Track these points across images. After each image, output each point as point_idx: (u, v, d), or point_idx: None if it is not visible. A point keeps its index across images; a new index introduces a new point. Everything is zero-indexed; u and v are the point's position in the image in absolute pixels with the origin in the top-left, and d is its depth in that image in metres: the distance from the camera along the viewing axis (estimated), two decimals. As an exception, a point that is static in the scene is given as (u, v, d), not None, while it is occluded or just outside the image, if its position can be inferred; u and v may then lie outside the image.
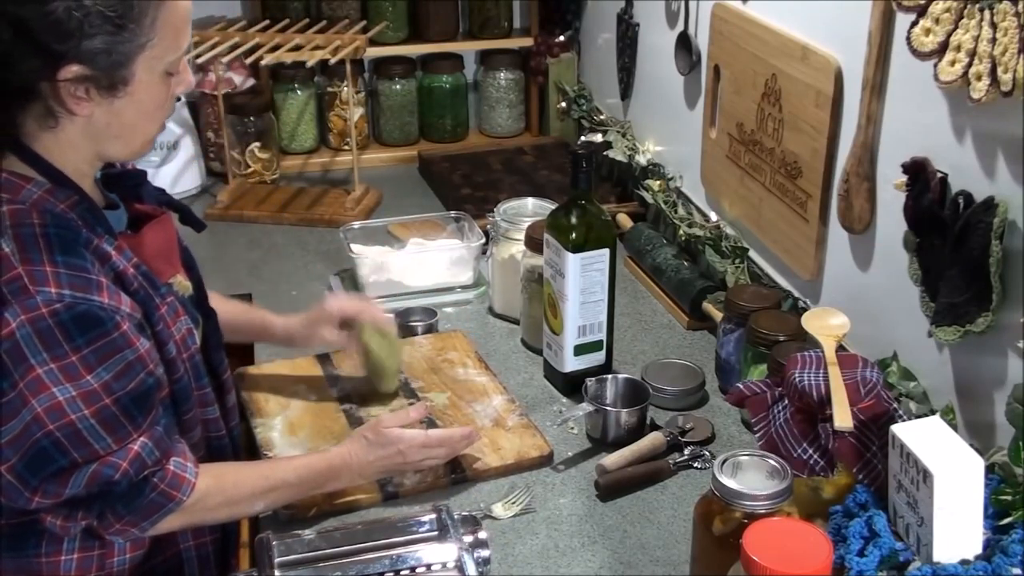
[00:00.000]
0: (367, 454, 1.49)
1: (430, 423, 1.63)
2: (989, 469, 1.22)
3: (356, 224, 2.21)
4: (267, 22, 2.51)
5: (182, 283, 1.43)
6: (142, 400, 1.27)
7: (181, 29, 1.28)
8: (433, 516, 1.31)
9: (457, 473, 1.56)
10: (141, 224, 1.39)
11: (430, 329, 1.94)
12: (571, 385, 1.76)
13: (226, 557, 1.52)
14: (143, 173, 1.46)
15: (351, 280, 2.11)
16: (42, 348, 1.20)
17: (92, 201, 1.30)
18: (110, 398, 1.23)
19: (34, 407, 1.20)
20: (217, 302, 1.58)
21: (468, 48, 2.87)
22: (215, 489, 1.35)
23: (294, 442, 1.63)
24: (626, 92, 2.49)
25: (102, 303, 1.23)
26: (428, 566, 1.25)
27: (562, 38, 2.80)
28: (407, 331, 1.93)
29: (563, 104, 2.80)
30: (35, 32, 1.16)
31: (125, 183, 1.42)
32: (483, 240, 2.10)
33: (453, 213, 2.26)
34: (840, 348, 1.47)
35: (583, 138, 2.56)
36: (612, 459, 1.57)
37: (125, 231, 1.37)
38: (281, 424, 1.67)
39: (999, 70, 1.22)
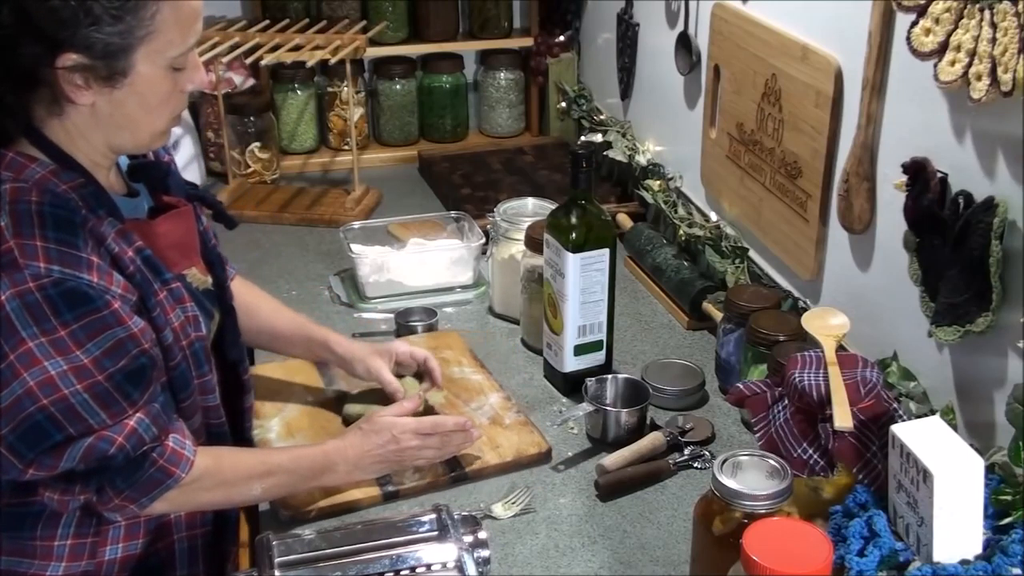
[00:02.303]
0: (363, 443, 1.50)
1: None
2: (989, 469, 1.22)
3: (356, 224, 2.21)
4: (267, 22, 2.51)
5: (197, 276, 1.44)
6: (136, 377, 1.27)
7: (186, 25, 1.27)
8: (433, 516, 1.30)
9: (457, 471, 1.56)
10: (164, 214, 1.41)
11: (430, 329, 1.94)
12: (571, 385, 1.76)
13: (220, 551, 1.51)
14: (168, 165, 1.48)
15: (351, 280, 2.11)
16: (32, 322, 1.20)
17: (98, 185, 1.31)
18: (102, 374, 1.24)
19: (26, 380, 1.21)
20: (277, 315, 1.65)
21: (468, 48, 2.87)
22: (213, 469, 1.36)
23: (291, 444, 1.62)
24: (626, 92, 2.48)
25: (91, 281, 1.23)
26: (428, 566, 1.25)
27: (562, 38, 2.80)
28: (407, 331, 1.94)
29: (563, 104, 2.80)
30: (34, 18, 1.19)
31: (152, 173, 1.45)
32: (483, 240, 2.09)
33: (453, 213, 2.26)
34: (840, 348, 1.47)
35: (583, 138, 2.56)
36: (612, 459, 1.57)
37: (141, 218, 1.38)
38: (278, 426, 1.67)
39: (999, 70, 1.22)
